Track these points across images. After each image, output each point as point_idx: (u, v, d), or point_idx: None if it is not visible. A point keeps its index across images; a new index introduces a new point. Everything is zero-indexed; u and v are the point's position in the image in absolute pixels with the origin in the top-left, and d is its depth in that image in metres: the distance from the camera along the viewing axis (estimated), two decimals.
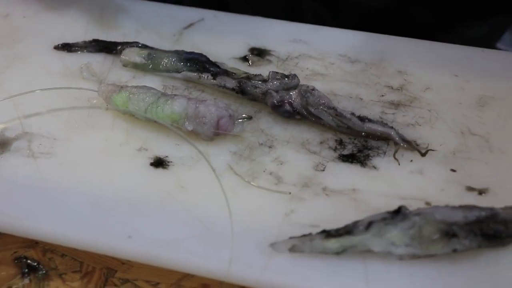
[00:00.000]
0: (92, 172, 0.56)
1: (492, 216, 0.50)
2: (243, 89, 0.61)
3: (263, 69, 0.65)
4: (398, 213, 0.50)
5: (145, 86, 0.60)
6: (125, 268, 0.54)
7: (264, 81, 0.61)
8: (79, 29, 0.70)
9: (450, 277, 0.49)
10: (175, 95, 0.59)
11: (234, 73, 0.63)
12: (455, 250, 0.49)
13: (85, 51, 0.68)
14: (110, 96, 0.60)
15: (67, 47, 0.68)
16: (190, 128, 0.57)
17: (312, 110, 0.58)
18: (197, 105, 0.57)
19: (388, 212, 0.50)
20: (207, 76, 0.63)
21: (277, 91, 0.59)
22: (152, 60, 0.65)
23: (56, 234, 0.52)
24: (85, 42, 0.68)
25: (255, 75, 0.62)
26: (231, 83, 0.62)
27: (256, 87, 0.61)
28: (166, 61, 0.65)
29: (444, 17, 0.83)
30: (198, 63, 0.64)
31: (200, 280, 0.52)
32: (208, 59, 0.65)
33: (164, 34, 0.70)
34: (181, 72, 0.64)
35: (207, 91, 0.63)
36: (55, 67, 0.66)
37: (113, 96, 0.60)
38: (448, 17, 0.83)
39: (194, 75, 0.63)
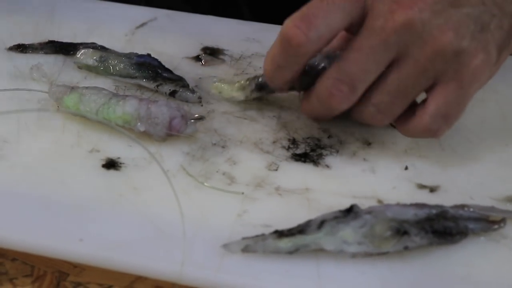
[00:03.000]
0: (43, 175, 0.55)
1: (442, 213, 0.50)
2: None
3: (216, 69, 0.65)
4: (350, 212, 0.50)
5: (96, 87, 0.59)
6: (77, 272, 0.53)
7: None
8: (29, 29, 0.69)
9: (402, 274, 0.49)
10: (126, 95, 0.58)
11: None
12: (406, 248, 0.49)
13: (41, 52, 0.67)
14: (61, 98, 0.59)
15: (22, 48, 0.67)
16: (142, 129, 0.57)
17: None
18: (149, 105, 0.57)
19: (340, 211, 0.50)
20: (165, 93, 0.62)
21: None
22: (104, 63, 0.64)
23: (6, 238, 0.51)
24: (40, 43, 0.67)
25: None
26: (192, 98, 0.62)
27: None
28: (117, 65, 0.64)
29: None
30: (150, 67, 0.63)
31: (153, 282, 0.52)
32: (160, 63, 0.64)
33: (116, 33, 0.69)
34: (134, 78, 0.63)
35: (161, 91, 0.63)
36: (5, 68, 0.65)
37: (64, 98, 0.59)
38: None
39: (150, 86, 0.63)
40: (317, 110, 0.56)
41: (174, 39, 0.69)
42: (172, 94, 0.62)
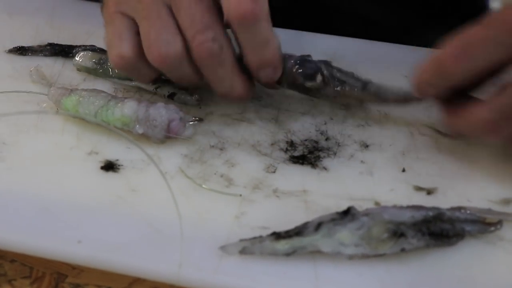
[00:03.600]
0: (42, 177, 0.55)
1: (438, 215, 0.50)
2: None
3: None
4: (347, 214, 0.50)
5: (95, 89, 0.59)
6: (76, 273, 0.53)
7: None
8: (29, 31, 0.70)
9: (399, 276, 0.49)
10: (125, 98, 0.58)
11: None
12: (403, 250, 0.49)
13: (40, 55, 0.67)
14: (60, 100, 0.59)
15: (21, 51, 0.67)
16: (140, 131, 0.57)
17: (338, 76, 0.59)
18: (147, 108, 0.57)
19: (337, 213, 0.50)
20: (164, 95, 0.62)
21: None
22: (102, 65, 0.64)
23: (4, 239, 0.52)
24: (40, 46, 0.67)
25: None
26: (191, 101, 0.62)
27: None
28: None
29: (405, 20, 0.84)
30: None
31: (151, 284, 0.52)
32: None
33: None
34: (132, 81, 0.63)
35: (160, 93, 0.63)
36: (4, 70, 0.65)
37: (63, 100, 0.59)
38: (410, 20, 0.84)
39: (149, 88, 0.63)
40: (465, 131, 0.54)
41: None
42: (171, 96, 0.62)
